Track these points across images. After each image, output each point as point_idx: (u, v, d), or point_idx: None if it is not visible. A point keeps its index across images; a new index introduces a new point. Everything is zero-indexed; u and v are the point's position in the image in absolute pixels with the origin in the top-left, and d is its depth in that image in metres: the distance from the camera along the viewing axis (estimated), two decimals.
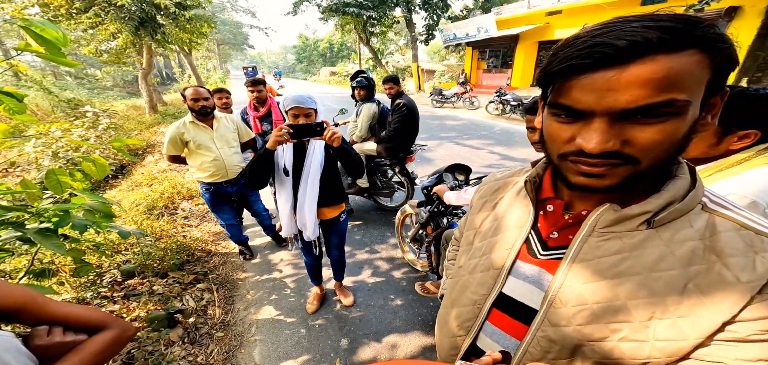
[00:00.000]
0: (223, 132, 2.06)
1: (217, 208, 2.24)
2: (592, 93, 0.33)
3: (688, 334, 0.34)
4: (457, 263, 0.63)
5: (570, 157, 0.38)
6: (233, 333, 1.87)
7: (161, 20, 8.09)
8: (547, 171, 0.51)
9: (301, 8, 17.50)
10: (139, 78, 9.39)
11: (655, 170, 0.36)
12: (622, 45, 0.30)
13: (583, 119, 0.35)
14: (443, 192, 1.55)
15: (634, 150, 0.34)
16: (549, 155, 0.42)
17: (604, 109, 0.32)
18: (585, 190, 0.39)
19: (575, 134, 0.36)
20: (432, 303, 2.01)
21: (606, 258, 0.40)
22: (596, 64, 0.32)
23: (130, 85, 23.38)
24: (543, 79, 0.38)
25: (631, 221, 0.39)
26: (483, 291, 0.53)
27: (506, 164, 4.74)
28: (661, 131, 0.32)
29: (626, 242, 0.39)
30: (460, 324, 0.56)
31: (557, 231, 0.46)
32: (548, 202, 0.48)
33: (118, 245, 2.51)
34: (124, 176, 4.97)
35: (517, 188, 0.55)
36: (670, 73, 0.30)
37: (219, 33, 31.61)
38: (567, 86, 0.35)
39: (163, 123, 8.64)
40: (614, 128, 0.33)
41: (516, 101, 8.09)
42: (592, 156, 0.35)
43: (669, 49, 0.30)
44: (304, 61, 51.40)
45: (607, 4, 9.99)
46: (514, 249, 0.49)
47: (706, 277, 0.35)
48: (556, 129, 0.38)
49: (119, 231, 1.21)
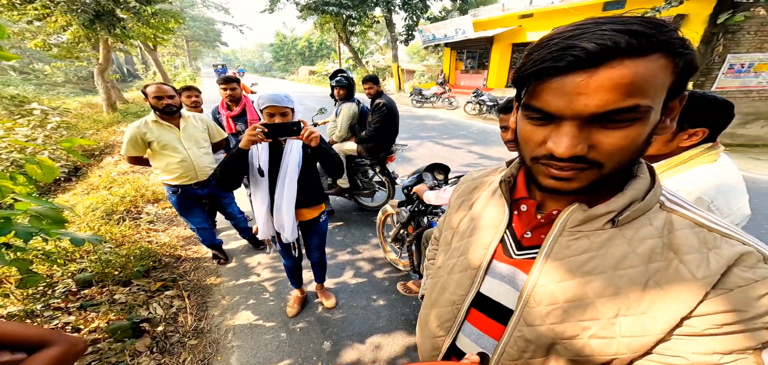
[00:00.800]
0: (192, 132, 1.95)
1: (186, 211, 2.11)
2: (563, 97, 0.32)
3: (650, 329, 0.35)
4: (436, 264, 0.63)
5: (541, 160, 0.38)
6: (208, 340, 1.78)
7: (121, 14, 7.50)
8: (520, 171, 0.52)
9: (278, 6, 17.01)
10: (95, 74, 8.64)
11: (618, 173, 0.36)
12: (592, 49, 0.30)
13: (554, 122, 0.35)
14: (423, 192, 1.57)
15: (598, 155, 0.34)
16: (522, 156, 0.42)
17: (574, 113, 0.32)
18: (554, 192, 0.39)
19: (547, 137, 0.36)
20: (414, 302, 2.02)
21: (575, 257, 0.41)
22: (568, 68, 0.31)
23: (84, 82, 21.47)
24: (517, 81, 0.38)
25: (597, 221, 0.40)
26: (461, 291, 0.53)
27: (483, 163, 4.90)
28: (625, 136, 0.33)
29: (593, 241, 0.40)
30: (440, 325, 0.56)
31: (530, 231, 0.47)
32: (522, 202, 0.49)
33: (72, 252, 2.29)
34: (79, 179, 4.55)
35: (492, 187, 0.55)
36: (635, 78, 0.30)
37: (188, 29, 29.92)
38: (539, 89, 0.34)
39: (124, 122, 8.03)
40: (583, 133, 0.33)
41: (492, 102, 8.39)
42: (561, 160, 0.35)
43: (636, 53, 0.30)
44: (281, 59, 49.96)
45: (573, 8, 10.65)
46: (489, 249, 0.50)
47: (665, 274, 0.36)
48: (528, 131, 0.38)
49: (71, 238, 1.10)
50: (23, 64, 20.77)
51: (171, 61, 24.00)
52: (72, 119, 7.27)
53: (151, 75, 19.90)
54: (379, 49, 29.69)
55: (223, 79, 2.46)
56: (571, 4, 10.72)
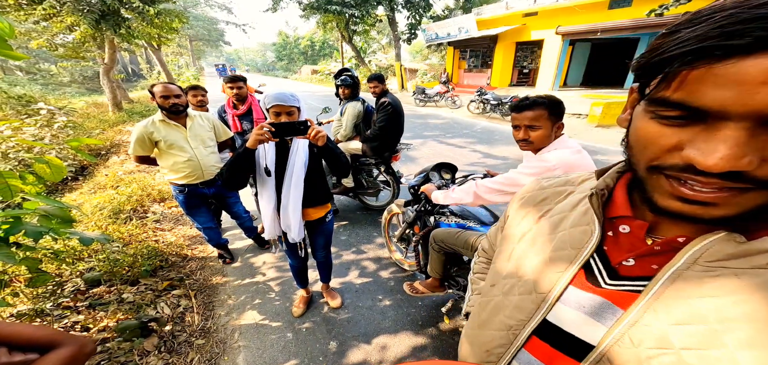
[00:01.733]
0: (198, 131, 1.95)
1: (193, 211, 2.12)
2: (737, 87, 0.23)
3: None
4: (489, 281, 0.56)
5: (667, 171, 0.29)
6: (215, 340, 1.78)
7: (126, 14, 7.55)
8: (619, 183, 0.42)
9: (281, 5, 17.07)
10: (101, 74, 8.73)
11: None
12: None
13: (705, 121, 0.26)
14: (431, 191, 1.55)
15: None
16: (634, 163, 0.33)
17: (749, 111, 0.23)
18: (681, 218, 0.30)
19: (684, 141, 0.27)
20: (421, 302, 2.01)
21: (712, 299, 0.31)
22: (752, 46, 0.22)
23: (90, 82, 21.68)
24: (645, 68, 0.30)
25: (759, 257, 0.29)
26: (521, 316, 0.45)
27: (488, 162, 4.86)
28: None
29: (745, 282, 0.30)
30: (489, 350, 0.50)
31: (634, 258, 0.38)
32: (621, 221, 0.40)
33: (80, 252, 2.31)
34: (86, 179, 4.59)
35: (572, 200, 0.47)
36: None
37: (191, 28, 30.10)
38: (689, 76, 0.25)
39: (129, 122, 8.11)
40: (755, 140, 0.24)
41: (495, 101, 8.33)
42: (707, 175, 0.26)
43: None
44: (284, 58, 50.14)
45: (579, 6, 10.55)
46: (567, 274, 0.41)
47: None
48: (653, 132, 0.29)
49: (80, 238, 1.10)
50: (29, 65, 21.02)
51: (175, 60, 24.13)
52: (78, 119, 7.36)
53: (155, 75, 20.06)
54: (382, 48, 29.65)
55: (229, 78, 2.47)
56: (576, 2, 10.62)
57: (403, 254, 2.34)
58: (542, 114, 1.11)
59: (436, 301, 2.00)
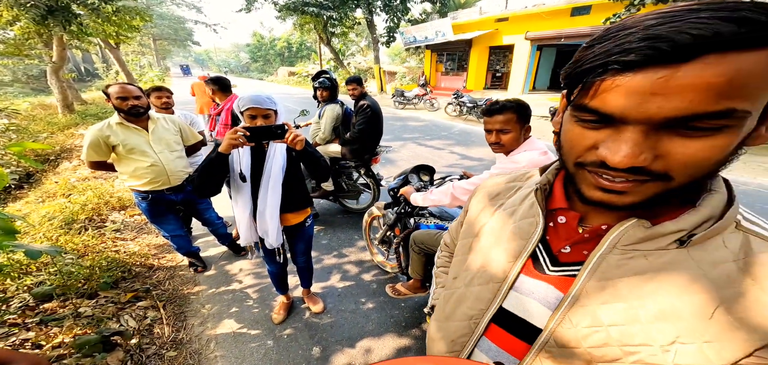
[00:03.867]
0: (162, 134, 1.84)
1: (158, 218, 1.99)
2: (631, 97, 0.27)
3: (713, 359, 0.32)
4: (451, 274, 0.59)
5: (589, 167, 0.33)
6: (189, 351, 1.69)
7: (77, 10, 6.92)
8: (557, 178, 0.47)
9: (255, 6, 16.51)
10: (49, 73, 7.92)
11: (689, 188, 0.31)
12: (683, 40, 0.24)
13: (612, 125, 0.30)
14: (409, 193, 1.58)
15: (668, 166, 0.29)
16: (564, 161, 0.38)
17: (641, 117, 0.27)
18: (602, 206, 0.34)
19: (599, 141, 0.31)
20: (403, 304, 2.03)
21: (628, 278, 0.36)
22: (644, 62, 0.26)
23: (36, 81, 19.69)
24: (569, 78, 0.33)
25: (661, 240, 0.35)
26: (481, 305, 0.49)
27: (465, 164, 5.02)
28: (708, 147, 0.27)
29: (653, 262, 0.35)
30: (454, 340, 0.53)
31: (570, 246, 0.42)
32: (560, 213, 0.44)
33: (27, 265, 2.10)
34: (32, 186, 4.16)
35: (521, 194, 0.51)
36: (736, 77, 0.24)
37: (155, 27, 28.23)
38: (600, 86, 0.29)
39: (83, 124, 7.45)
40: (649, 140, 0.28)
41: (471, 103, 8.63)
42: (616, 170, 0.30)
43: (741, 45, 0.24)
44: (259, 60, 48.49)
45: (545, 13, 11.22)
46: (518, 263, 0.45)
47: (740, 301, 0.31)
48: (576, 134, 0.33)
49: (26, 250, 1.00)
50: None
51: (136, 60, 22.45)
52: (22, 121, 6.63)
53: (112, 74, 18.55)
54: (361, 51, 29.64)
55: (211, 79, 2.46)
56: (542, 9, 11.29)
57: (384, 256, 2.35)
58: (511, 118, 1.18)
59: (418, 302, 2.03)
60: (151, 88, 2.38)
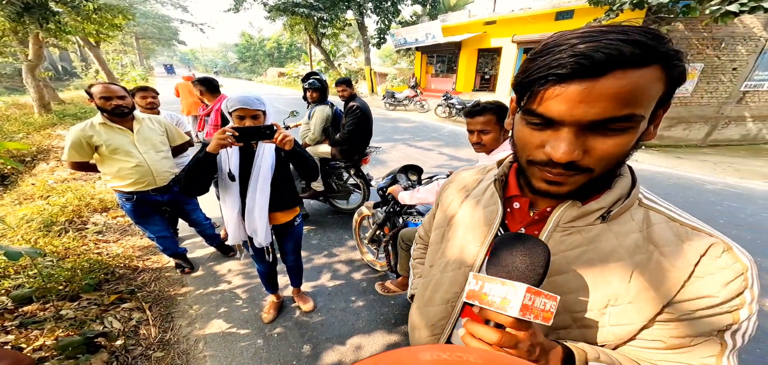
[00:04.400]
0: (148, 134, 1.82)
1: (143, 220, 1.96)
2: (566, 103, 0.33)
3: (635, 319, 0.38)
4: (427, 263, 0.64)
5: (538, 164, 0.40)
6: (176, 352, 1.68)
7: (55, 7, 6.66)
8: (511, 170, 0.53)
9: (243, 6, 16.27)
10: (24, 71, 7.59)
11: (605, 177, 0.39)
12: (599, 58, 0.31)
13: (552, 127, 0.36)
14: (397, 192, 1.62)
15: (590, 160, 0.36)
16: (518, 158, 0.44)
17: (574, 120, 0.34)
18: (546, 195, 0.42)
19: (544, 141, 0.37)
20: (393, 301, 2.07)
21: (569, 252, 0.43)
22: (572, 75, 0.32)
23: (9, 80, 18.81)
24: (519, 86, 0.39)
25: (589, 217, 0.42)
26: (456, 288, 0.54)
27: (455, 165, 5.12)
28: (617, 144, 0.35)
29: (585, 236, 0.42)
30: (434, 323, 0.58)
31: (524, 228, 0.48)
32: (514, 200, 0.50)
33: (5, 268, 2.03)
34: (8, 188, 4.00)
35: (482, 186, 0.57)
36: (634, 88, 0.31)
37: (139, 26, 27.39)
38: (542, 95, 0.35)
39: (60, 124, 7.17)
40: (579, 139, 0.35)
41: (461, 105, 8.78)
42: (557, 165, 0.37)
43: (637, 63, 0.31)
44: (248, 60, 47.74)
45: (530, 17, 11.51)
46: (484, 246, 0.51)
47: (647, 266, 0.38)
48: (527, 135, 0.39)
49: (6, 252, 0.99)
50: None
51: (117, 59, 21.67)
52: None
53: (92, 74, 17.87)
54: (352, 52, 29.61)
55: (198, 80, 2.45)
56: (528, 13, 11.59)
57: (374, 255, 2.39)
58: (491, 119, 1.24)
59: (407, 299, 2.08)
60: (136, 88, 2.34)
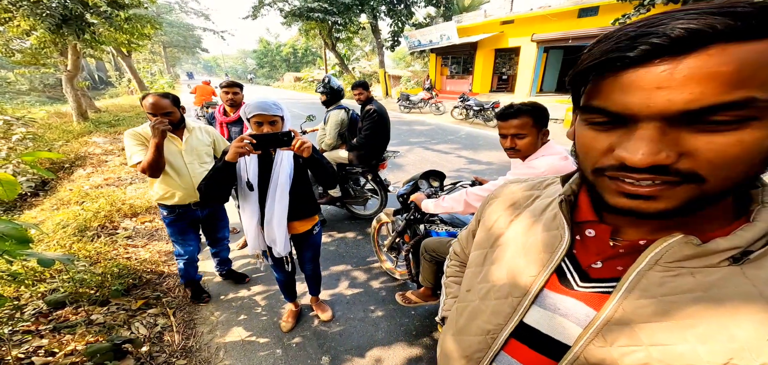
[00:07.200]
0: (195, 144, 1.76)
1: (182, 236, 1.87)
2: (638, 92, 0.27)
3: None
4: (464, 286, 0.56)
5: (608, 172, 0.32)
6: (198, 359, 1.68)
7: (91, 19, 7.11)
8: (583, 189, 0.45)
9: (261, 12, 16.80)
10: (64, 81, 8.15)
11: (728, 192, 0.29)
12: (677, 34, 0.24)
13: (625, 125, 0.29)
14: (421, 200, 1.55)
15: (696, 165, 0.27)
16: (582, 169, 0.36)
17: (652, 112, 0.27)
18: (629, 214, 0.32)
19: (615, 144, 0.30)
20: (414, 312, 1.99)
21: (673, 297, 0.33)
22: (643, 57, 0.26)
23: (52, 90, 20.32)
24: (574, 81, 0.33)
25: (712, 257, 0.32)
26: (499, 320, 0.46)
27: (474, 168, 4.96)
28: (737, 141, 0.26)
29: (700, 280, 0.33)
30: (468, 355, 0.51)
31: (602, 261, 0.40)
32: (588, 226, 0.41)
33: (41, 273, 2.13)
34: (47, 194, 4.25)
35: (539, 205, 0.49)
36: (745, 65, 0.24)
37: (165, 35, 28.96)
38: (603, 85, 0.29)
39: (96, 132, 7.62)
40: (669, 136, 0.27)
41: (478, 106, 8.57)
42: (638, 171, 0.29)
43: (742, 37, 0.24)
44: (266, 66, 49.26)
45: (551, 14, 11.12)
46: (541, 277, 0.43)
47: None
48: (590, 138, 0.33)
49: (39, 259, 1.00)
50: None
51: (147, 67, 22.98)
52: (39, 130, 6.82)
53: (125, 82, 19.02)
54: (365, 55, 29.85)
55: (226, 84, 2.40)
56: (548, 10, 11.20)
57: (393, 263, 2.32)
58: (527, 122, 1.14)
59: (429, 310, 1.99)
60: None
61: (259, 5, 16.43)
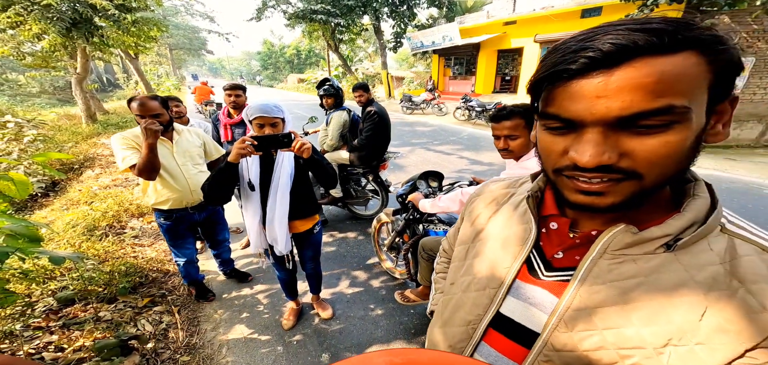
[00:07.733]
0: (186, 147, 1.77)
1: (179, 241, 1.87)
2: (582, 101, 0.30)
3: (706, 361, 0.32)
4: (449, 280, 0.59)
5: (565, 171, 0.35)
6: (201, 356, 1.72)
7: (99, 22, 7.26)
8: (548, 186, 0.48)
9: (265, 14, 16.95)
10: (73, 84, 8.32)
11: (662, 186, 0.33)
12: (607, 49, 0.28)
13: (575, 129, 0.32)
14: (418, 200, 1.57)
15: (634, 164, 0.31)
16: (544, 169, 0.40)
17: (595, 118, 0.30)
18: (586, 210, 0.36)
19: (568, 146, 0.33)
20: (413, 310, 2.02)
21: (619, 282, 0.37)
22: (583, 70, 0.29)
23: (61, 92, 20.66)
24: (532, 89, 0.36)
25: (649, 244, 0.36)
26: (478, 310, 0.49)
27: (475, 169, 4.97)
28: (664, 142, 0.30)
29: (641, 266, 0.36)
30: (452, 346, 0.53)
31: (563, 251, 0.43)
32: (551, 219, 0.45)
33: (52, 270, 2.19)
34: (58, 194, 4.35)
35: (514, 201, 0.52)
36: (663, 76, 0.27)
37: (171, 37, 29.37)
38: (556, 94, 0.32)
39: (104, 133, 7.76)
40: (610, 139, 0.31)
41: (480, 107, 8.57)
42: (588, 170, 0.32)
43: (659, 51, 0.27)
44: (269, 67, 49.66)
45: (554, 15, 11.06)
46: (513, 268, 0.46)
47: (728, 303, 0.32)
48: (548, 142, 0.36)
49: (50, 257, 1.05)
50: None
51: (154, 70, 23.33)
52: (49, 132, 6.97)
53: (132, 84, 19.32)
54: (368, 57, 29.93)
55: (230, 86, 2.41)
56: (551, 11, 11.15)
57: (393, 262, 2.35)
58: (519, 123, 1.16)
59: (427, 308, 2.01)
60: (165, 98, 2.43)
61: (263, 7, 16.58)
